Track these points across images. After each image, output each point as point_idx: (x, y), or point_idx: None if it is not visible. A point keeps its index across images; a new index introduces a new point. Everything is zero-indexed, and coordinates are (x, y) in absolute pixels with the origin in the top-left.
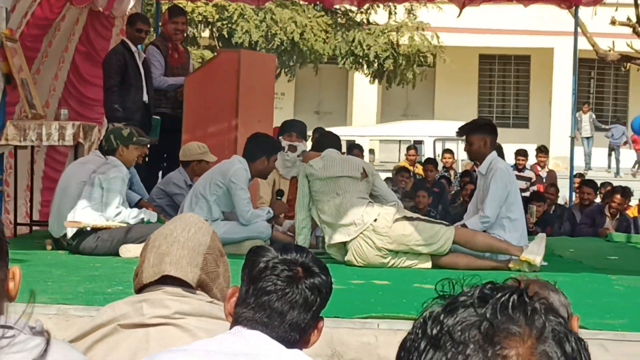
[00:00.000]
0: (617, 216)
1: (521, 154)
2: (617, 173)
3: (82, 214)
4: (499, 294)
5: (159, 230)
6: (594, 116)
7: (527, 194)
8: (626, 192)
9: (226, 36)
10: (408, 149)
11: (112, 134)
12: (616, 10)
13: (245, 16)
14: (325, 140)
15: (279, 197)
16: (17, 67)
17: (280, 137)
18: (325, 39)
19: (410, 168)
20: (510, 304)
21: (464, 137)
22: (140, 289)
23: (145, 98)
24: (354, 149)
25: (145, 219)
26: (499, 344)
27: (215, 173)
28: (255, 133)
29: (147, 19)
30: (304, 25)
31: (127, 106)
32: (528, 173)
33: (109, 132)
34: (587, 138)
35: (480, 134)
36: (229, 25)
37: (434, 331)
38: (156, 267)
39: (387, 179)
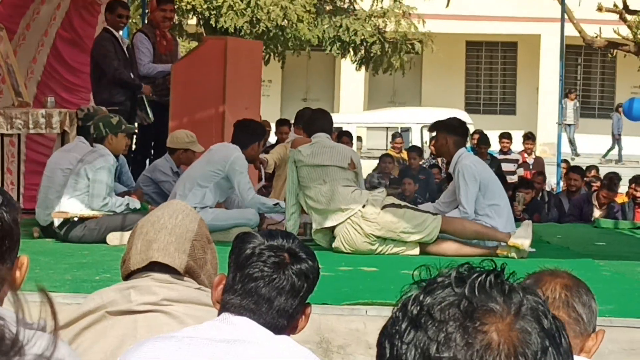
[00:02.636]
0: (606, 205)
1: (505, 137)
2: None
3: (68, 205)
4: (476, 274)
5: (146, 217)
6: (578, 104)
7: (515, 177)
8: (612, 184)
9: (213, 25)
10: (394, 136)
11: (101, 121)
12: None
13: (234, 8)
14: (316, 123)
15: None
16: (4, 54)
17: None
18: (310, 23)
19: (397, 156)
20: (488, 283)
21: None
22: (127, 276)
23: None
24: (344, 136)
25: (131, 207)
26: (478, 320)
27: (213, 160)
28: (242, 119)
29: (127, 4)
30: (287, 8)
31: (117, 93)
32: (514, 155)
33: (97, 120)
34: (570, 125)
35: (444, 132)
36: (216, 15)
37: (414, 312)
38: (143, 253)
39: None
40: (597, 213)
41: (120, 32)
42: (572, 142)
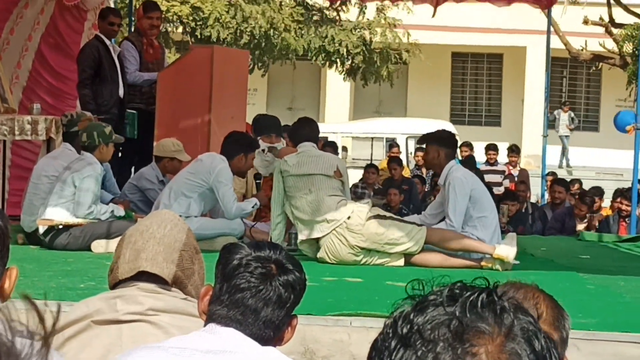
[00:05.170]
0: (587, 218)
1: (491, 148)
2: None
3: (54, 212)
4: (468, 293)
5: (135, 226)
6: (572, 115)
7: (501, 188)
8: (592, 200)
9: (199, 36)
10: (390, 146)
11: (94, 130)
12: (583, 8)
13: (220, 20)
14: (301, 132)
15: (258, 181)
16: None
17: (258, 139)
18: (297, 33)
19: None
20: (480, 302)
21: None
22: (114, 285)
23: (121, 92)
24: (327, 146)
25: (116, 214)
26: (468, 341)
27: (199, 170)
28: (231, 131)
29: (119, 12)
30: (273, 18)
31: (104, 101)
32: (500, 167)
33: (90, 128)
34: (566, 136)
35: (435, 144)
36: (202, 27)
37: (404, 330)
38: (132, 262)
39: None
40: (579, 226)
41: (112, 40)
42: (564, 154)
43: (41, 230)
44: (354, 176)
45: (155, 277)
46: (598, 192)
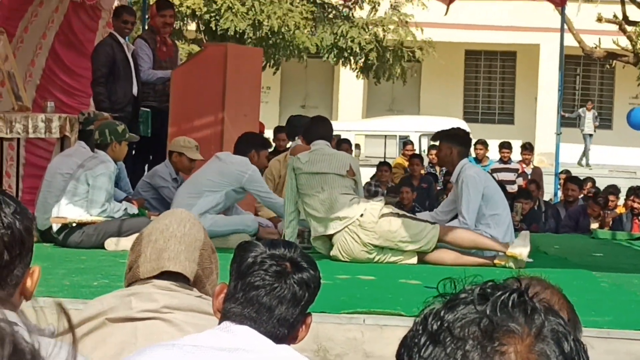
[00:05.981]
0: (601, 215)
1: (505, 146)
2: None
3: (67, 210)
4: (500, 292)
5: (153, 225)
6: (596, 113)
7: (515, 186)
8: (605, 200)
9: (213, 28)
10: (404, 144)
11: (107, 128)
12: (596, 6)
13: (233, 10)
14: (315, 130)
15: None
16: (3, 59)
17: (296, 138)
18: (309, 30)
19: (406, 164)
20: (511, 302)
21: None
22: (131, 283)
23: (135, 91)
24: (343, 144)
25: (130, 212)
26: (497, 340)
27: (227, 172)
28: (244, 132)
29: (133, 10)
30: (285, 14)
31: (118, 99)
32: (514, 165)
33: (103, 126)
34: (590, 135)
35: (448, 142)
36: (216, 18)
37: (434, 327)
38: (154, 262)
39: (373, 175)
40: (593, 225)
41: (126, 38)
42: (585, 153)
43: (55, 228)
44: (367, 174)
45: (176, 275)
46: (615, 190)
